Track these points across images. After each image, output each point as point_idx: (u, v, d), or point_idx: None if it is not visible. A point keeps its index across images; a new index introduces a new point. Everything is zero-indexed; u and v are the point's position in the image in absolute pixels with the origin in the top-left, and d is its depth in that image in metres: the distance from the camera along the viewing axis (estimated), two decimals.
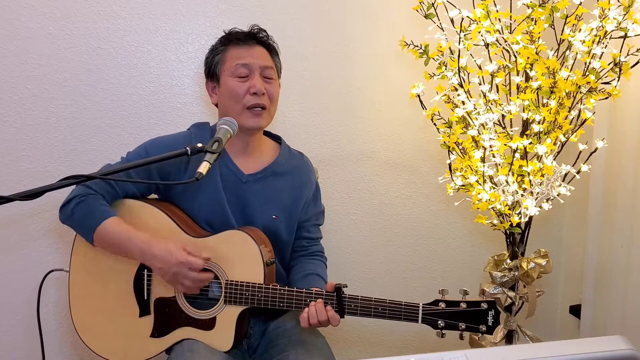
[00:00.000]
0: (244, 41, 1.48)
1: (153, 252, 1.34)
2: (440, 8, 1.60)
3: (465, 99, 1.60)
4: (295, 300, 1.35)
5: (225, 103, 1.47)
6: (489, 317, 1.30)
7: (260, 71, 1.46)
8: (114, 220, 1.38)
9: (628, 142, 1.73)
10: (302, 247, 1.61)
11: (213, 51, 1.51)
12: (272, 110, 1.51)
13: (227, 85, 1.45)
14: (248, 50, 1.47)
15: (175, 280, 1.35)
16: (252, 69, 1.45)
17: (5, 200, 0.98)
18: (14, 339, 1.76)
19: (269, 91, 1.47)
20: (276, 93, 1.51)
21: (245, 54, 1.46)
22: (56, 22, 1.71)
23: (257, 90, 1.43)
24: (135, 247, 1.36)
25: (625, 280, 1.76)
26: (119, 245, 1.37)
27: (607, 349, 0.69)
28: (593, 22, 1.48)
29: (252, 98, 1.44)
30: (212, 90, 1.52)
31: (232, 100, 1.45)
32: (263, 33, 1.52)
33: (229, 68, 1.46)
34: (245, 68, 1.44)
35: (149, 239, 1.36)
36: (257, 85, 1.43)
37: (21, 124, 1.71)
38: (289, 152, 1.62)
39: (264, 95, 1.45)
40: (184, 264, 1.32)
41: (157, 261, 1.34)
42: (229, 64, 1.46)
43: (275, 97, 1.50)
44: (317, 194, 1.65)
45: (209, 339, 1.39)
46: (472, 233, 2.14)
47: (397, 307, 1.32)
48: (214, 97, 1.52)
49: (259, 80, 1.44)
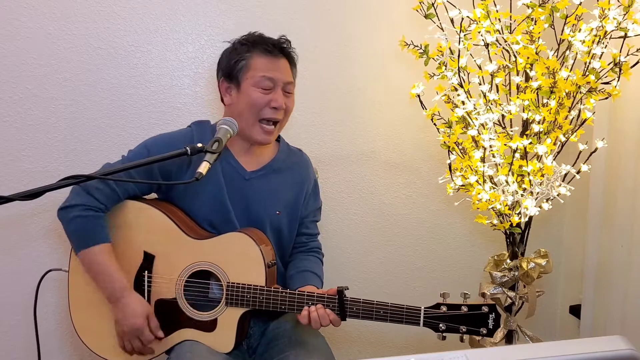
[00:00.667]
0: (271, 52, 1.46)
1: (123, 301, 1.38)
2: (440, 8, 1.60)
3: (465, 99, 1.60)
4: (297, 303, 1.35)
5: (240, 108, 1.46)
6: (490, 320, 1.31)
7: (282, 86, 1.46)
8: (105, 248, 1.40)
9: (628, 142, 1.73)
10: (302, 243, 1.62)
11: (236, 53, 1.47)
12: (284, 123, 1.52)
13: (249, 94, 1.44)
14: (274, 62, 1.46)
15: (120, 334, 1.40)
16: (277, 83, 1.45)
17: (5, 200, 0.98)
18: (13, 339, 1.76)
19: (286, 105, 1.48)
20: (292, 107, 1.52)
21: (272, 67, 1.45)
22: (56, 22, 1.71)
23: (278, 105, 1.44)
24: (109, 286, 1.39)
25: (625, 280, 1.76)
26: (98, 275, 1.40)
27: (607, 349, 0.69)
28: (593, 22, 1.48)
29: (270, 112, 1.45)
30: (226, 90, 1.50)
31: (250, 109, 1.44)
32: (288, 44, 1.51)
33: (253, 77, 1.44)
34: (270, 82, 1.44)
35: (127, 288, 1.40)
36: (278, 101, 1.44)
37: (21, 124, 1.71)
38: (288, 149, 1.63)
39: (282, 109, 1.47)
40: (137, 331, 1.37)
41: (118, 312, 1.38)
42: (253, 73, 1.44)
43: (290, 111, 1.52)
44: (316, 190, 1.66)
45: (210, 341, 1.39)
46: (472, 233, 2.14)
47: (399, 310, 1.32)
48: (228, 98, 1.50)
49: (280, 96, 1.45)
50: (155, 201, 1.51)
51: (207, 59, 1.84)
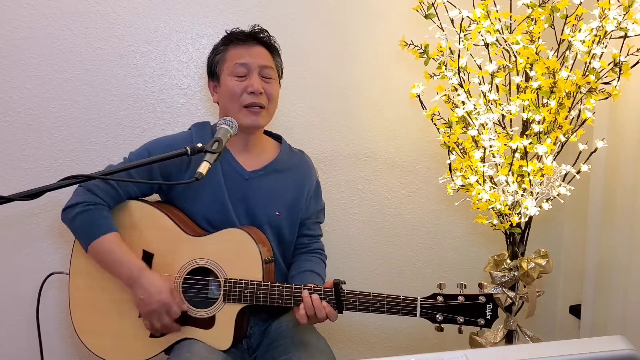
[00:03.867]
0: (245, 41, 1.49)
1: (142, 282, 1.36)
2: (440, 8, 1.60)
3: (465, 99, 1.60)
4: (294, 297, 1.36)
5: (224, 101, 1.49)
6: (487, 310, 1.30)
7: (258, 70, 1.47)
8: (113, 236, 1.39)
9: (628, 142, 1.73)
10: (304, 244, 1.61)
11: (214, 50, 1.53)
12: (272, 109, 1.52)
13: (226, 84, 1.47)
14: (247, 49, 1.48)
15: (148, 315, 1.37)
16: (251, 68, 1.46)
17: (5, 200, 0.98)
18: (14, 339, 1.76)
19: (267, 90, 1.47)
20: (275, 92, 1.51)
21: (245, 54, 1.47)
22: (56, 22, 1.71)
23: (255, 89, 1.44)
24: (125, 270, 1.37)
25: (625, 280, 1.76)
26: (111, 263, 1.39)
27: (607, 349, 0.69)
28: (593, 22, 1.48)
29: (249, 97, 1.45)
30: (213, 88, 1.54)
31: (230, 98, 1.46)
32: (264, 33, 1.53)
33: (228, 67, 1.47)
34: (243, 67, 1.46)
35: (142, 268, 1.38)
36: (254, 85, 1.45)
37: (21, 124, 1.71)
38: (290, 150, 1.64)
39: (262, 94, 1.46)
40: (165, 306, 1.35)
41: (141, 291, 1.36)
42: (228, 63, 1.48)
43: (274, 97, 1.51)
44: (317, 191, 1.66)
45: (209, 338, 1.39)
46: (472, 233, 2.14)
47: (395, 301, 1.32)
48: (215, 96, 1.54)
49: (256, 80, 1.46)
50: (155, 202, 1.51)
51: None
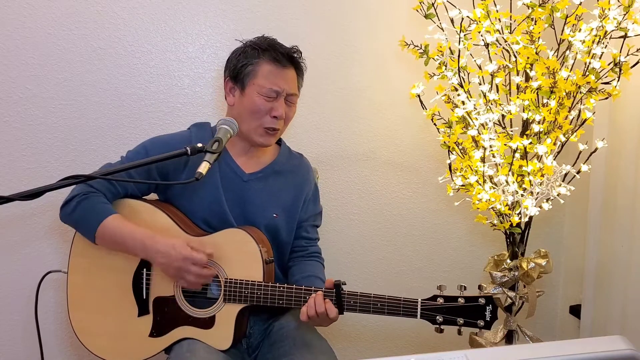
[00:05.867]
0: (280, 61, 1.46)
1: (156, 247, 1.35)
2: (440, 8, 1.60)
3: (465, 99, 1.60)
4: (295, 298, 1.36)
5: (243, 112, 1.47)
6: (487, 312, 1.31)
7: (285, 96, 1.47)
8: (116, 217, 1.39)
9: (628, 142, 1.73)
10: (301, 247, 1.61)
11: (245, 56, 1.47)
12: (283, 130, 1.53)
13: (252, 100, 1.45)
14: (281, 72, 1.46)
15: (178, 275, 1.36)
16: (280, 94, 1.46)
17: (5, 200, 0.98)
18: (13, 339, 1.76)
19: (287, 114, 1.49)
20: (292, 117, 1.53)
21: (279, 78, 1.45)
22: (56, 22, 1.71)
23: (279, 115, 1.45)
24: (138, 242, 1.36)
25: (625, 280, 1.76)
26: (122, 241, 1.38)
27: (607, 349, 0.69)
28: (593, 22, 1.48)
29: (271, 121, 1.46)
30: (230, 89, 1.50)
31: (252, 114, 1.45)
32: (299, 54, 1.51)
33: (259, 85, 1.44)
34: (274, 93, 1.45)
35: (152, 234, 1.37)
36: (279, 111, 1.45)
37: (21, 124, 1.71)
38: (289, 152, 1.64)
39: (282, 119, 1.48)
40: (188, 259, 1.33)
41: (160, 256, 1.35)
42: (260, 81, 1.44)
43: (289, 120, 1.53)
44: (316, 195, 1.66)
45: (208, 338, 1.39)
46: (472, 233, 2.14)
47: (396, 302, 1.33)
48: (231, 98, 1.50)
49: (282, 105, 1.46)
50: (153, 200, 1.51)
51: (207, 59, 1.84)
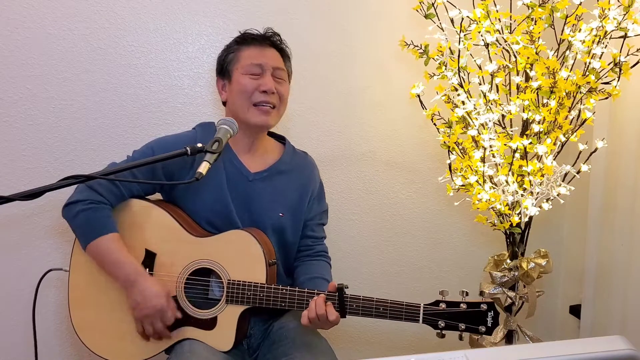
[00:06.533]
0: (259, 42, 1.51)
1: (140, 285, 1.36)
2: (440, 8, 1.60)
3: (465, 99, 1.60)
4: (297, 300, 1.36)
5: (234, 99, 1.49)
6: (489, 318, 1.31)
7: (271, 71, 1.49)
8: (113, 237, 1.39)
9: (628, 142, 1.73)
10: (307, 246, 1.61)
11: (227, 49, 1.54)
12: (282, 110, 1.53)
13: (239, 82, 1.47)
14: (262, 51, 1.50)
15: (143, 319, 1.38)
16: (265, 68, 1.48)
17: (5, 200, 0.98)
18: (13, 338, 1.76)
19: (279, 91, 1.49)
20: (286, 93, 1.53)
21: (259, 55, 1.49)
22: (56, 22, 1.71)
23: (268, 88, 1.46)
24: (123, 272, 1.38)
25: (625, 280, 1.76)
26: (109, 264, 1.39)
27: (607, 349, 0.69)
28: (593, 22, 1.48)
29: (261, 95, 1.46)
30: (222, 87, 1.54)
31: (242, 96, 1.47)
32: (277, 37, 1.55)
33: (242, 66, 1.48)
34: (258, 67, 1.47)
35: (141, 272, 1.39)
36: (267, 84, 1.46)
37: (21, 124, 1.71)
38: (294, 151, 1.64)
39: (274, 94, 1.48)
40: (160, 312, 1.36)
41: (138, 295, 1.36)
42: (242, 62, 1.49)
43: (285, 97, 1.53)
44: (321, 193, 1.66)
45: (210, 339, 1.39)
46: (472, 233, 2.14)
47: (399, 307, 1.33)
48: (224, 95, 1.54)
49: (270, 79, 1.47)
50: (157, 200, 1.51)
51: (207, 59, 1.84)
